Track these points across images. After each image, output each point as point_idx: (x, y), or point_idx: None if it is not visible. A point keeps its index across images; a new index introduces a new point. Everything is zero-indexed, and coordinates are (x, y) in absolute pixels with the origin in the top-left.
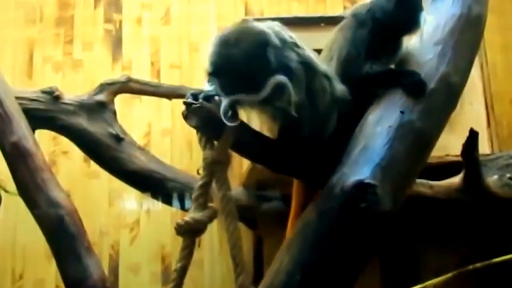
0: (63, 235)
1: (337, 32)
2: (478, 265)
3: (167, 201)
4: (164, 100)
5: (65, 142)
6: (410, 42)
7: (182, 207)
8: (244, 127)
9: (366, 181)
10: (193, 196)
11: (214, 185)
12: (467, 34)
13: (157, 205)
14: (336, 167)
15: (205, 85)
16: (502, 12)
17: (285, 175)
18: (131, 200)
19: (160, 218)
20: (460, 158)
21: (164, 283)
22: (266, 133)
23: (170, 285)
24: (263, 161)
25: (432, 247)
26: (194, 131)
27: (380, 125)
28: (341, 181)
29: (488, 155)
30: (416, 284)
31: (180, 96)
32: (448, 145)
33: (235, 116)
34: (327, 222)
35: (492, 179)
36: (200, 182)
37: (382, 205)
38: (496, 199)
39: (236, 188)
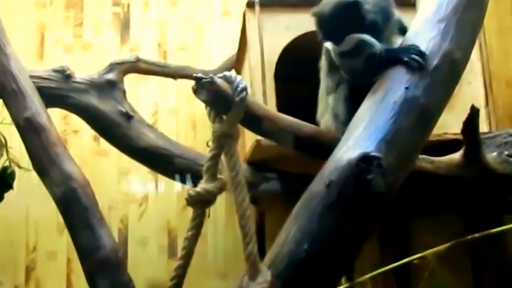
0: (76, 207)
1: None
2: (476, 235)
3: (174, 177)
4: (170, 81)
5: (75, 121)
6: (414, 21)
7: (191, 183)
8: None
9: (372, 154)
10: (203, 167)
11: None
12: (470, 12)
13: (164, 181)
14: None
15: None
16: None
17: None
18: (140, 176)
19: (167, 193)
20: (458, 136)
21: (171, 255)
22: None
23: (182, 253)
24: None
25: (425, 224)
26: (198, 111)
27: (385, 100)
28: (347, 154)
29: (486, 133)
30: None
31: (186, 76)
32: (447, 123)
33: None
34: (334, 193)
35: (491, 155)
36: (210, 154)
37: (387, 177)
38: (495, 175)
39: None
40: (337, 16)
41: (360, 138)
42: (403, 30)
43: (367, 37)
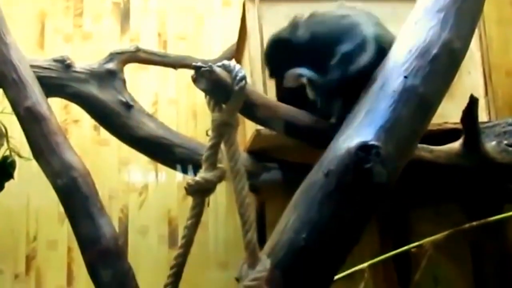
0: (76, 196)
1: None
2: (474, 223)
3: (174, 166)
4: (170, 71)
5: (75, 111)
6: (413, 10)
7: (191, 172)
8: None
9: (370, 142)
10: (203, 156)
11: (223, 146)
12: (469, 2)
13: (165, 171)
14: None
15: None
16: None
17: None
18: (140, 166)
19: (167, 183)
20: (458, 126)
21: (171, 245)
22: None
23: (182, 241)
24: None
25: (425, 214)
26: (198, 101)
27: (384, 89)
28: (346, 143)
29: (486, 122)
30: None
31: (186, 65)
32: (447, 113)
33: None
34: (333, 182)
35: (490, 145)
36: (209, 143)
37: (386, 166)
38: (494, 164)
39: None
40: (270, 53)
41: (359, 127)
42: (380, 48)
43: (301, 70)
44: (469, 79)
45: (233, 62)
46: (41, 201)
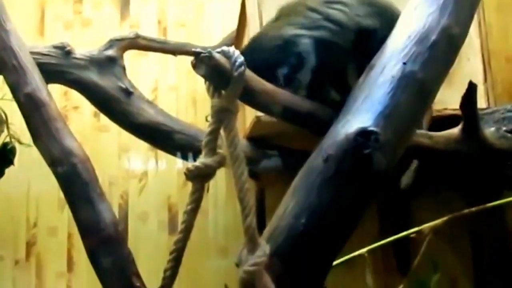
0: (76, 182)
1: None
2: (473, 209)
3: (174, 152)
4: (170, 58)
5: (75, 98)
6: None
7: (189, 159)
8: None
9: (369, 128)
10: (202, 142)
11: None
12: None
13: (165, 157)
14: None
15: None
16: None
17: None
18: (140, 152)
19: (167, 169)
20: (458, 112)
21: (171, 231)
22: None
23: (182, 226)
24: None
25: (425, 201)
26: (198, 87)
27: (383, 75)
28: (345, 128)
29: (485, 109)
30: None
31: (186, 52)
32: (446, 99)
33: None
34: (332, 167)
35: (489, 131)
36: (209, 129)
37: (384, 152)
38: (493, 150)
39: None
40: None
41: (358, 113)
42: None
43: None
44: (468, 66)
45: (232, 48)
46: (41, 187)
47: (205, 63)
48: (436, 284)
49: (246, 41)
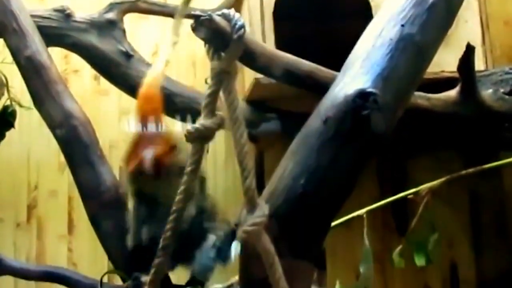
0: (76, 144)
1: None
2: (470, 170)
3: (174, 115)
4: (170, 21)
5: (75, 61)
6: None
7: (188, 121)
8: None
9: (368, 90)
10: (202, 104)
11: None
12: None
13: (165, 120)
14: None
15: None
16: None
17: None
18: None
19: None
20: (455, 74)
21: None
22: None
23: (181, 187)
24: None
25: (423, 162)
26: (197, 50)
27: (381, 37)
28: (344, 90)
29: (482, 71)
30: None
31: (186, 15)
32: (443, 62)
33: None
34: (331, 129)
35: (487, 93)
36: (208, 91)
37: (383, 113)
38: (491, 112)
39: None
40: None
41: (356, 75)
42: None
43: None
44: (466, 28)
45: (232, 11)
46: (42, 150)
47: (205, 26)
48: (434, 244)
49: (245, 4)
